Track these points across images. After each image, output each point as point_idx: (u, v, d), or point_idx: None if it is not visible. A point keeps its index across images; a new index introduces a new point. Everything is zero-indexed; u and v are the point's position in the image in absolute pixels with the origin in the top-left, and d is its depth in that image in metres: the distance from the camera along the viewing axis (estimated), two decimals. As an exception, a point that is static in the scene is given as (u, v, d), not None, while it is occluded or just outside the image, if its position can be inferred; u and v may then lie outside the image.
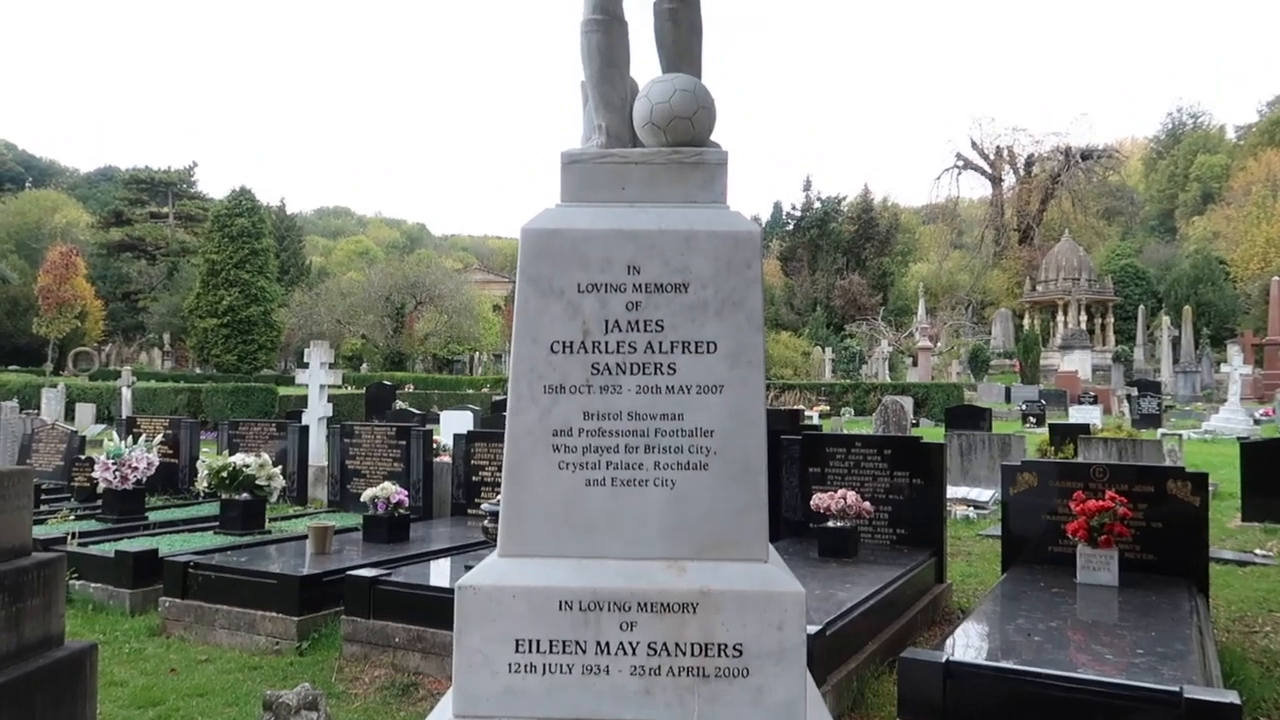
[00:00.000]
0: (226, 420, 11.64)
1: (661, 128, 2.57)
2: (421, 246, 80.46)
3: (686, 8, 2.85)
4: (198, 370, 42.12)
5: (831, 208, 58.55)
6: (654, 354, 2.44)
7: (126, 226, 54.09)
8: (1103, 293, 45.58)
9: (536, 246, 2.50)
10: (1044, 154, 57.49)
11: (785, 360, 37.57)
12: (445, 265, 56.24)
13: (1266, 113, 65.24)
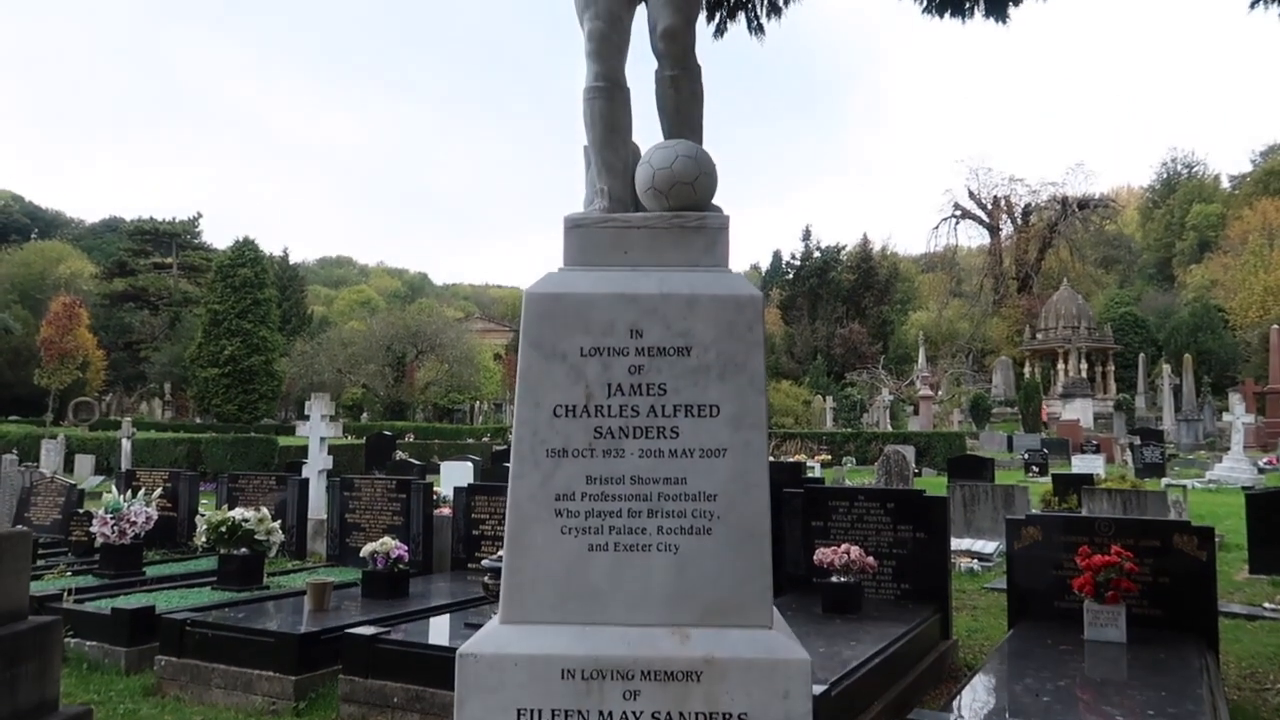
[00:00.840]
0: (226, 473, 11.58)
1: (664, 193, 2.60)
2: (423, 296, 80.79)
3: (688, 75, 2.90)
4: (198, 420, 42.06)
5: (831, 257, 58.93)
6: (657, 418, 2.44)
7: (130, 277, 54.37)
8: (1102, 341, 45.67)
9: (540, 310, 2.51)
10: (1041, 203, 58.03)
11: (786, 409, 37.52)
12: (446, 314, 56.46)
13: (1260, 162, 65.91)
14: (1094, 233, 58.68)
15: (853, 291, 56.77)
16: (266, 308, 42.32)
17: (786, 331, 54.96)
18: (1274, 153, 65.17)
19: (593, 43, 2.84)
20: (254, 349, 41.06)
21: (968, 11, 6.64)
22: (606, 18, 2.85)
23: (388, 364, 44.68)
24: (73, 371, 40.65)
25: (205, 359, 40.86)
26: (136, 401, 50.31)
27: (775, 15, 6.20)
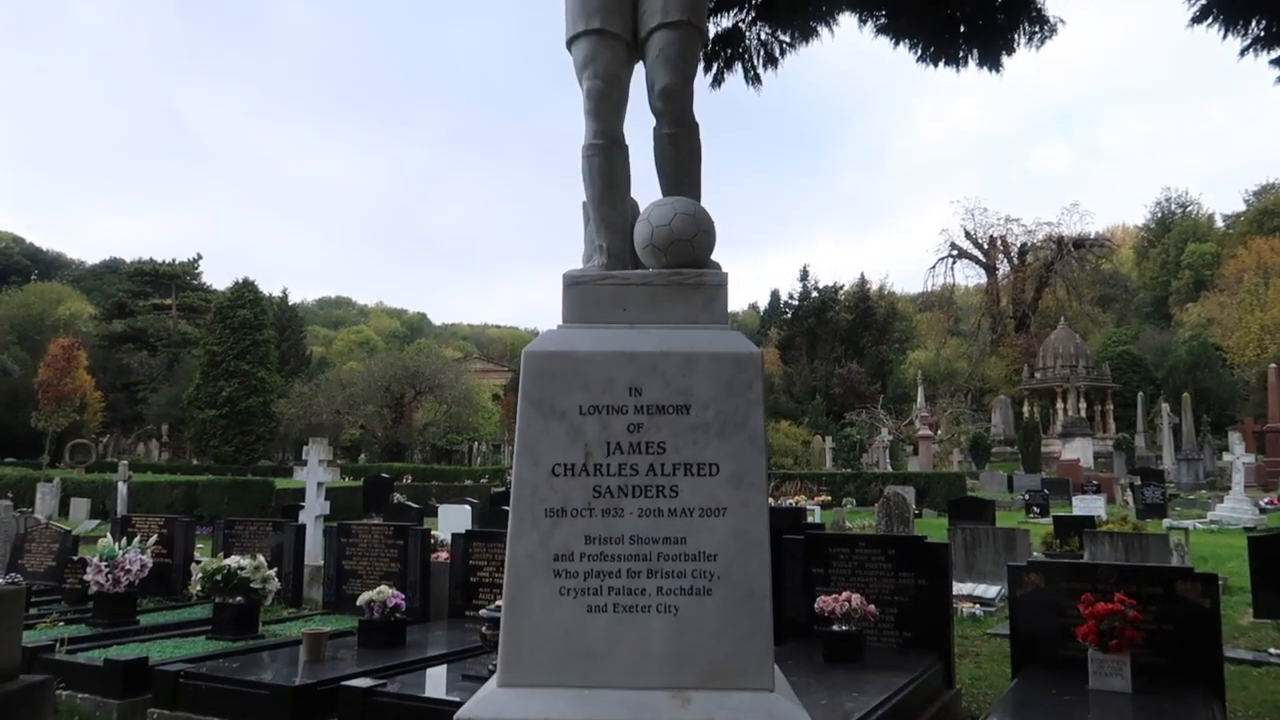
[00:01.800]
0: (222, 519, 11.51)
1: (662, 250, 2.61)
2: (422, 336, 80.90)
3: (686, 133, 2.93)
4: (195, 461, 41.94)
5: (829, 297, 59.15)
6: (656, 476, 2.42)
7: (129, 318, 54.46)
8: (1101, 380, 45.69)
9: (538, 369, 2.50)
10: (1037, 243, 58.39)
11: (785, 449, 37.43)
12: (445, 355, 56.50)
13: (1253, 202, 66.42)
14: (1090, 272, 58.97)
15: (851, 331, 56.91)
16: (265, 349, 42.43)
17: (785, 371, 55.00)
18: (1266, 192, 65.73)
19: (591, 101, 2.87)
20: (252, 390, 41.10)
21: (961, 61, 6.73)
22: (605, 76, 2.88)
23: (386, 405, 44.63)
24: (70, 414, 40.58)
25: (203, 400, 40.87)
26: (134, 443, 50.17)
27: (772, 66, 6.29)
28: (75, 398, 41.28)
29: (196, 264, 60.32)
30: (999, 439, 43.74)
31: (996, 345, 56.51)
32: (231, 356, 41.04)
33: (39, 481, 23.85)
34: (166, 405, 46.31)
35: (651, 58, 2.95)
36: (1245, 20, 7.95)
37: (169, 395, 46.25)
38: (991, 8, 6.92)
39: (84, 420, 43.31)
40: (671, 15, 2.92)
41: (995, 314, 58.44)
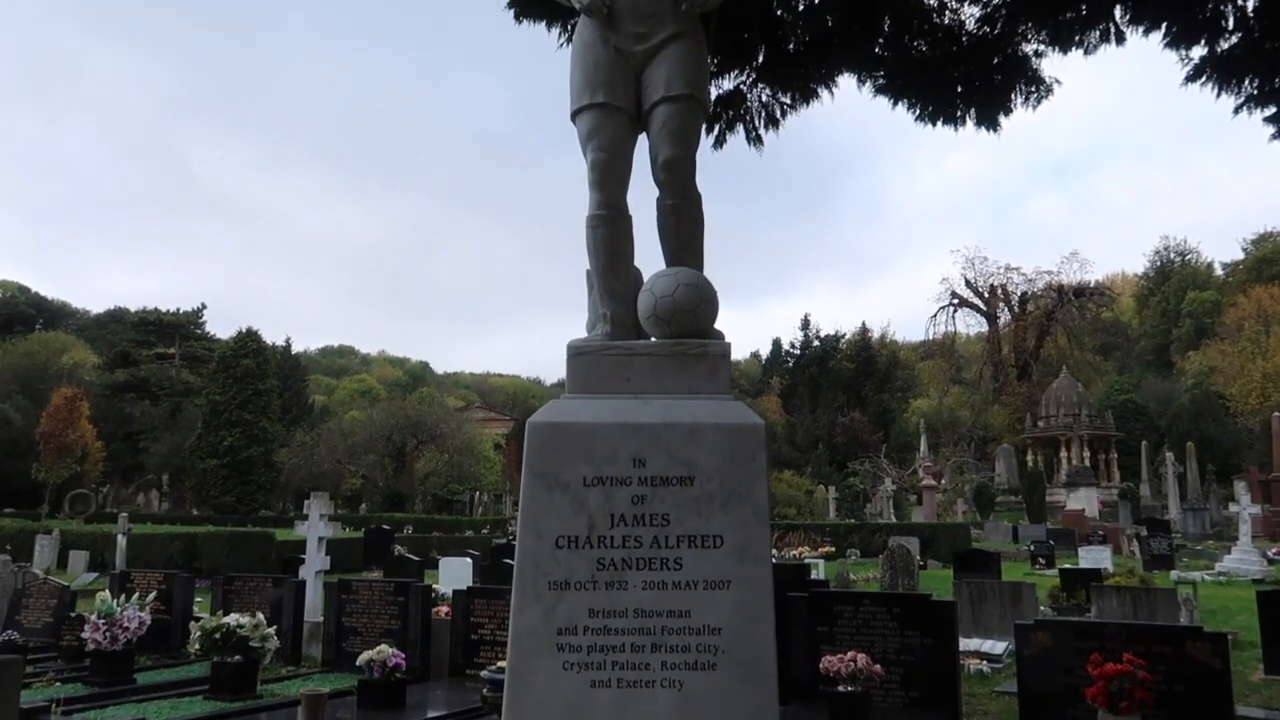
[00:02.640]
0: (221, 575, 11.43)
1: (666, 321, 2.63)
2: (424, 384, 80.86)
3: (688, 204, 2.97)
4: (195, 511, 41.74)
5: (830, 345, 59.24)
6: (660, 548, 2.42)
7: (132, 367, 54.54)
8: (1104, 428, 45.57)
9: (542, 440, 2.51)
10: (1037, 292, 58.62)
11: (788, 499, 37.21)
12: (447, 404, 56.48)
13: (1251, 250, 66.76)
14: (1091, 320, 59.12)
15: (853, 380, 56.91)
16: (267, 398, 42.45)
17: (787, 420, 54.90)
18: (1264, 240, 66.09)
19: (596, 172, 2.92)
20: (254, 440, 41.04)
21: (960, 120, 6.82)
22: (609, 149, 2.93)
23: (387, 454, 44.52)
24: (71, 465, 40.48)
25: (204, 450, 40.79)
26: (134, 492, 49.97)
27: (773, 127, 6.38)
28: (76, 448, 41.21)
29: (200, 314, 60.59)
30: (1003, 488, 43.49)
31: (999, 394, 56.46)
32: (234, 406, 41.06)
33: (38, 533, 23.70)
34: (168, 454, 46.21)
35: (655, 130, 3.00)
36: (1238, 80, 8.09)
37: (170, 444, 46.17)
38: (988, 68, 7.05)
39: (84, 470, 43.19)
40: (674, 90, 2.98)
41: (997, 362, 58.48)
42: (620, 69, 3.06)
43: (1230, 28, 8.04)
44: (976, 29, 7.32)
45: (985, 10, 7.44)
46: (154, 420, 50.12)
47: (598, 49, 3.09)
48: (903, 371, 63.47)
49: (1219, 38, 8.06)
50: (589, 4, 3.08)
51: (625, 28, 3.09)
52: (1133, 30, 7.91)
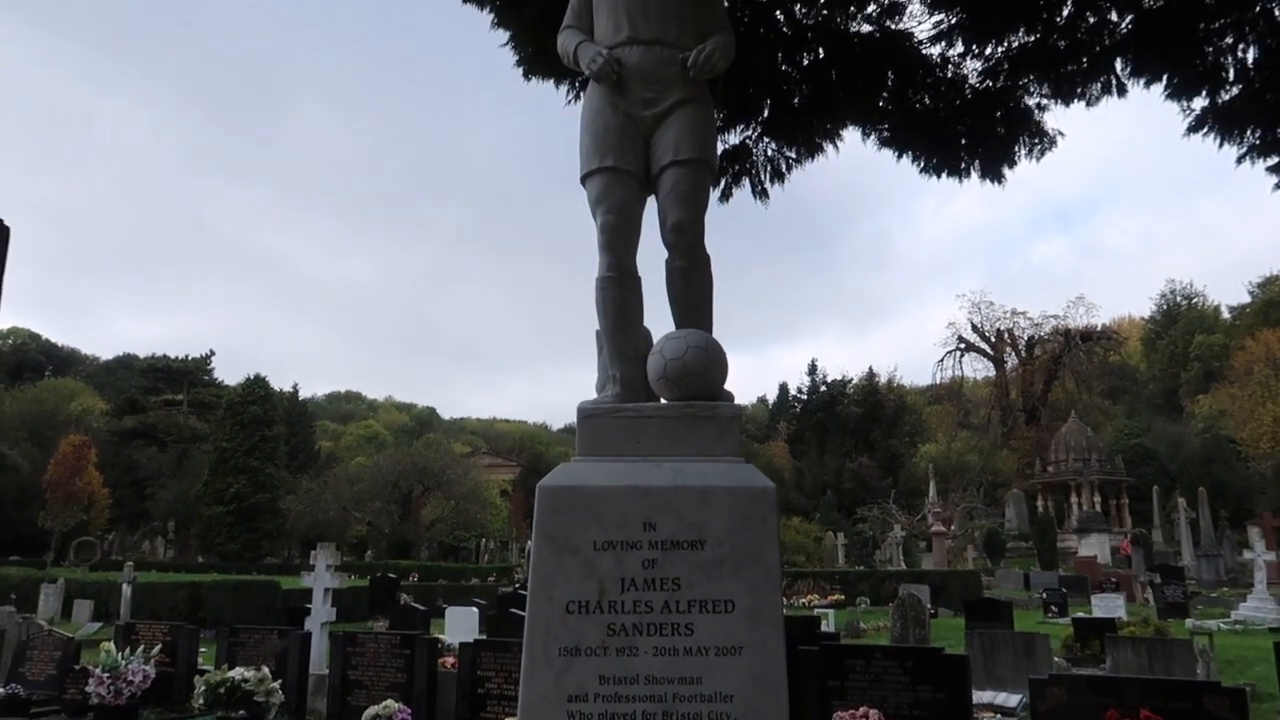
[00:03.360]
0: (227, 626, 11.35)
1: (675, 383, 2.64)
2: (431, 430, 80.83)
3: (698, 266, 3.00)
4: (200, 559, 41.57)
5: (837, 390, 59.14)
6: (671, 614, 2.40)
7: (140, 414, 54.70)
8: (1114, 473, 45.24)
9: (553, 504, 2.51)
10: (1044, 336, 58.58)
11: (797, 546, 36.93)
12: (453, 449, 56.39)
13: (1258, 294, 66.75)
14: (1098, 364, 58.98)
15: (860, 425, 56.72)
16: (274, 445, 42.49)
17: (795, 466, 54.66)
18: (1271, 284, 66.08)
19: (605, 235, 2.95)
20: (260, 486, 41.02)
21: (964, 172, 6.89)
22: (619, 211, 2.97)
23: (393, 501, 44.38)
24: (77, 514, 40.45)
25: (211, 496, 40.77)
26: (139, 540, 49.81)
27: (779, 181, 6.45)
28: (83, 496, 41.19)
29: (209, 360, 60.87)
30: (1013, 534, 43.10)
31: (1008, 438, 56.19)
32: (240, 452, 41.10)
33: (43, 582, 23.60)
34: (174, 501, 46.15)
35: (664, 194, 3.04)
36: (1240, 130, 8.15)
37: (177, 491, 46.13)
38: (991, 121, 7.13)
39: (90, 518, 43.12)
40: (683, 154, 3.03)
41: (1005, 407, 58.27)
42: (629, 133, 3.11)
43: (1231, 79, 8.12)
44: (979, 82, 7.41)
45: (987, 64, 7.55)
46: (161, 467, 50.13)
47: (607, 114, 3.15)
48: (910, 416, 63.26)
49: (1220, 89, 8.14)
50: (599, 71, 3.14)
51: (634, 93, 3.15)
52: (1134, 82, 8.00)
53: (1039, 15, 7.61)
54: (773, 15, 7.27)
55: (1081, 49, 7.78)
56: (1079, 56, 7.80)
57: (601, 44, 3.26)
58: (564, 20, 3.48)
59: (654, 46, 3.19)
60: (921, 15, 7.43)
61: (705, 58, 3.15)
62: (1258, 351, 53.29)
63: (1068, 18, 7.74)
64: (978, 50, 7.54)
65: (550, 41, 4.45)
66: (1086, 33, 7.80)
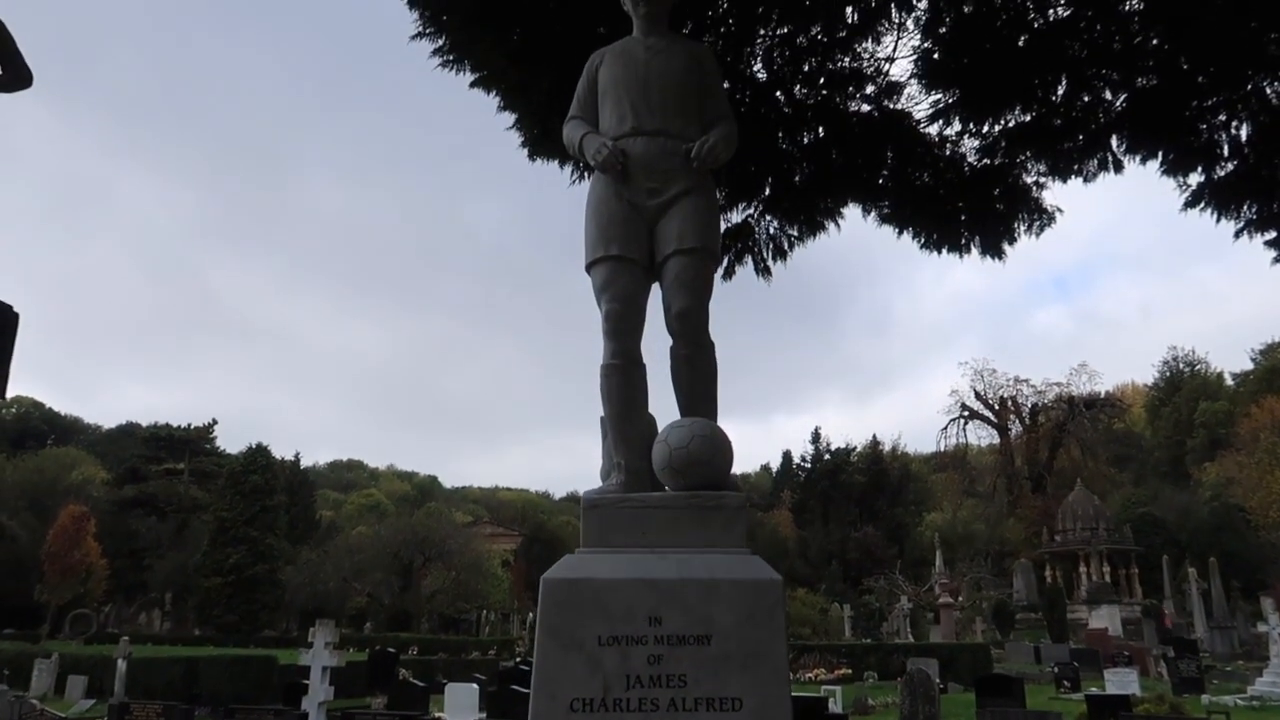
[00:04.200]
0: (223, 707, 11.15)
1: (681, 472, 2.62)
2: (432, 499, 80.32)
3: (702, 353, 3.01)
4: (197, 632, 40.96)
5: (841, 459, 58.88)
6: (678, 712, 2.35)
7: (140, 483, 54.43)
8: (1123, 543, 44.72)
9: (557, 597, 2.47)
10: (1048, 403, 58.48)
11: (803, 618, 36.36)
12: (455, 519, 55.94)
13: (1260, 360, 66.76)
14: (1103, 431, 58.76)
15: (865, 493, 56.36)
16: (275, 514, 42.24)
17: (800, 535, 54.17)
18: (1273, 351, 66.15)
19: (610, 322, 2.97)
20: (260, 557, 40.64)
21: (964, 248, 6.95)
22: (623, 299, 2.99)
23: (394, 572, 43.90)
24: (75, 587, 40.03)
25: (209, 568, 40.40)
26: (136, 612, 49.18)
27: (781, 259, 6.51)
28: (81, 569, 40.82)
29: (211, 429, 60.76)
30: (1022, 604, 42.44)
31: (1014, 507, 55.72)
32: (241, 522, 40.83)
33: (37, 657, 23.25)
34: (172, 572, 45.67)
35: (668, 282, 3.07)
36: (1237, 205, 8.23)
37: (175, 562, 45.68)
38: (990, 198, 7.21)
39: (87, 589, 42.66)
40: (687, 243, 3.06)
41: (1010, 475, 57.91)
42: (634, 223, 3.16)
43: (1225, 155, 8.24)
44: (977, 160, 7.52)
45: (984, 142, 7.66)
46: (160, 537, 49.73)
47: (611, 203, 3.20)
48: (915, 484, 62.86)
49: (1215, 164, 8.25)
50: (604, 162, 3.20)
51: (638, 183, 3.21)
52: (1130, 159, 8.11)
53: (1034, 94, 7.75)
54: (773, 95, 7.42)
55: (1077, 126, 7.91)
56: (1075, 134, 7.92)
57: (606, 134, 3.32)
58: (569, 111, 3.55)
59: (658, 137, 3.25)
60: (919, 95, 7.58)
61: (709, 149, 3.21)
62: (1263, 419, 53.09)
63: (1063, 96, 7.88)
64: (975, 128, 7.67)
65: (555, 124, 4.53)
66: (1082, 110, 7.94)
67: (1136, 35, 7.55)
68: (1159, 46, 7.61)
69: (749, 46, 7.21)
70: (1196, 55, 7.55)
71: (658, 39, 3.45)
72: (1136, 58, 7.66)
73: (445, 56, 5.65)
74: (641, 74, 3.32)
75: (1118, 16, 7.43)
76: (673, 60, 3.37)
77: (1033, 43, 7.38)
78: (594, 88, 3.47)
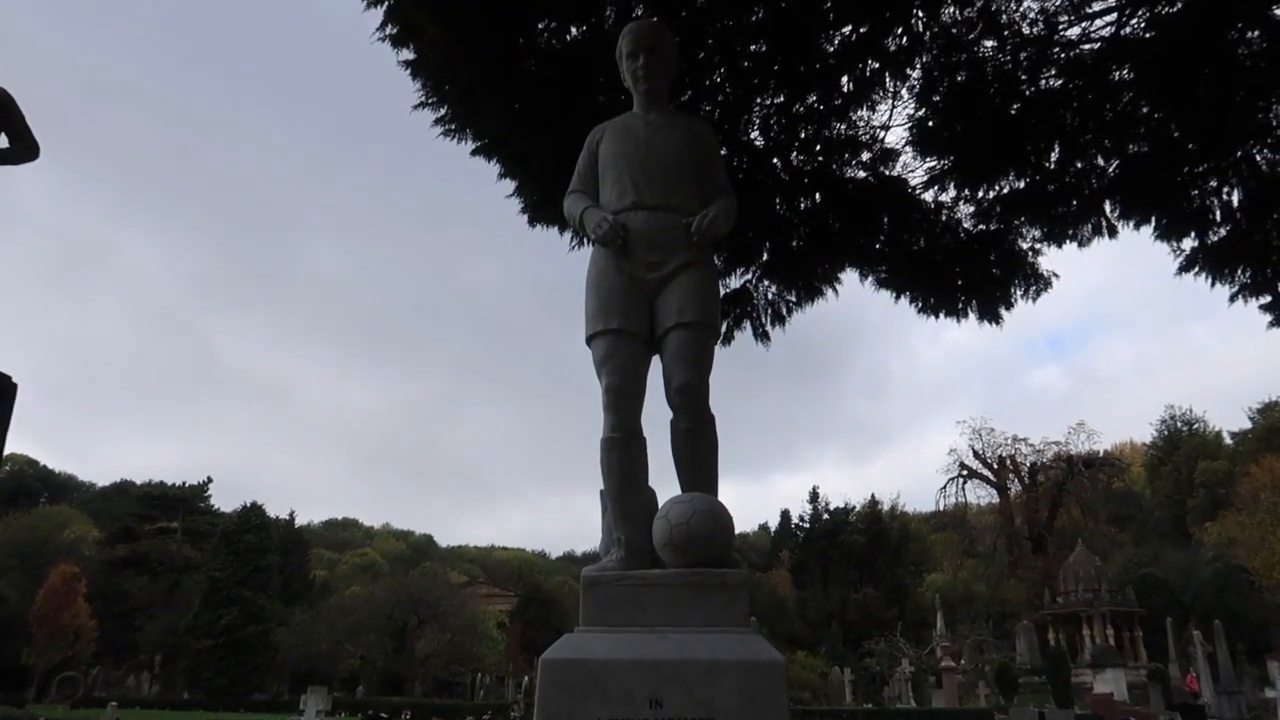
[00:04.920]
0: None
1: (682, 549, 2.60)
2: (427, 558, 79.50)
3: (703, 426, 3.00)
4: (186, 695, 40.20)
5: (840, 519, 58.48)
6: (678, 806, 2.29)
7: (133, 542, 53.86)
8: (1126, 604, 44.17)
9: (555, 679, 2.42)
10: (1046, 462, 58.25)
11: (803, 682, 35.75)
12: (450, 579, 55.31)
13: (1258, 420, 66.72)
14: (1102, 490, 58.43)
15: (864, 554, 55.86)
16: (268, 574, 41.77)
17: (799, 596, 53.55)
18: (1271, 409, 66.15)
19: (610, 396, 2.96)
20: (252, 618, 40.08)
21: (962, 313, 6.98)
22: (623, 373, 2.99)
23: (388, 634, 43.25)
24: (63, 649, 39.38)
25: (200, 629, 39.80)
26: (124, 674, 48.28)
27: (779, 324, 6.54)
28: (70, 631, 40.19)
29: (206, 487, 60.36)
30: (1025, 668, 41.77)
31: (1014, 567, 55.18)
32: (233, 583, 40.35)
33: (21, 723, 22.77)
34: (162, 633, 44.94)
35: (668, 356, 3.07)
36: (1230, 270, 8.30)
37: (166, 622, 44.98)
38: (987, 263, 7.27)
39: (76, 651, 41.95)
40: (687, 317, 3.08)
41: (1010, 535, 57.46)
42: (634, 296, 3.17)
43: (1218, 220, 8.33)
44: (973, 225, 7.60)
45: (980, 207, 7.75)
46: (151, 597, 49.05)
47: (612, 276, 3.22)
48: (915, 544, 62.35)
49: (1208, 230, 8.33)
50: (605, 236, 3.23)
51: (639, 256, 3.23)
52: (1124, 224, 8.20)
53: (1028, 160, 7.86)
54: (770, 161, 7.52)
55: (1071, 192, 8.00)
56: (1069, 199, 8.02)
57: (607, 208, 3.36)
58: (570, 184, 3.59)
59: (658, 211, 3.29)
60: (914, 161, 7.69)
61: (709, 224, 3.24)
62: (1263, 478, 52.87)
63: (1056, 162, 7.99)
64: (970, 194, 7.76)
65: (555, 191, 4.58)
66: (1075, 176, 8.04)
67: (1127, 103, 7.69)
68: (1149, 114, 7.74)
69: (746, 114, 7.33)
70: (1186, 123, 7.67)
71: (658, 115, 3.51)
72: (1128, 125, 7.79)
73: (447, 126, 5.73)
74: (642, 149, 3.37)
75: (1108, 85, 7.56)
76: (673, 136, 3.42)
77: (1025, 110, 7.50)
78: (594, 162, 3.51)
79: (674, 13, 6.01)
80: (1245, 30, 7.28)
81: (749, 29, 6.36)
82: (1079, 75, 7.33)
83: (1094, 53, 7.25)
